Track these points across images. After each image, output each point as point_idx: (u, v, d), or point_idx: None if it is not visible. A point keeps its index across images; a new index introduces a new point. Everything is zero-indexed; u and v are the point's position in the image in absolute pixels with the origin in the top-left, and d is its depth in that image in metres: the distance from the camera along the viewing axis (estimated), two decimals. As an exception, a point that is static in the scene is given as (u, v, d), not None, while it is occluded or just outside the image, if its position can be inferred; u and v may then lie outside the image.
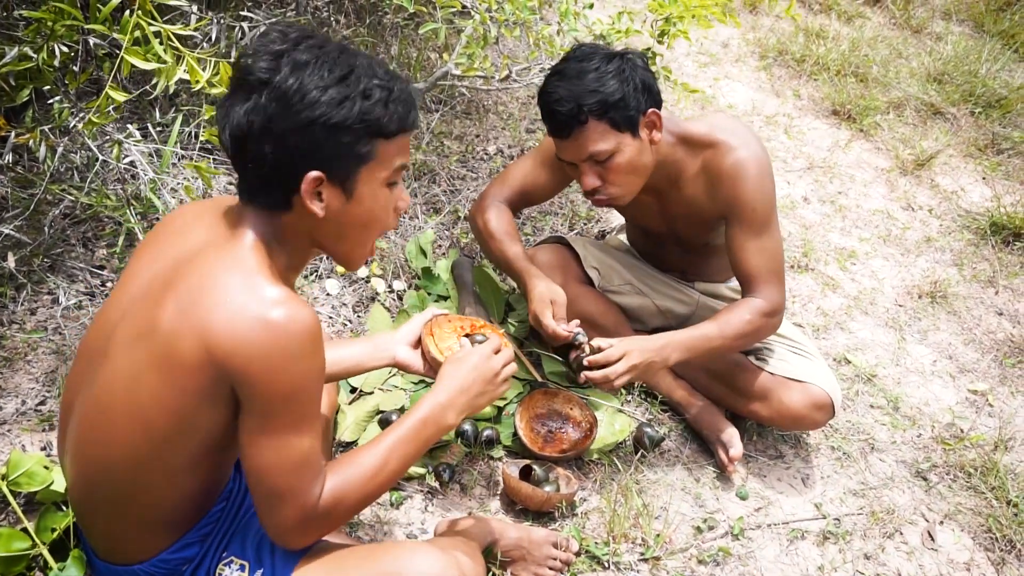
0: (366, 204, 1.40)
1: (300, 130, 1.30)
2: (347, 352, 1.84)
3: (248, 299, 1.28)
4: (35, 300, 2.32)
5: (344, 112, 1.31)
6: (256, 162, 1.33)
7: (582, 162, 2.11)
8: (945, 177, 4.06)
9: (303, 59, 1.31)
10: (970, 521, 2.36)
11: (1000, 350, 3.04)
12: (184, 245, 1.40)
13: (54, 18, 1.91)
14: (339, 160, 1.34)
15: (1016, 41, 5.37)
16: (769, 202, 2.19)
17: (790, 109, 4.37)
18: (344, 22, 3.30)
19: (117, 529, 1.48)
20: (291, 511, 1.37)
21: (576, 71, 2.05)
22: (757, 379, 2.35)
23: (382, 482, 1.48)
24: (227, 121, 1.32)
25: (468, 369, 1.68)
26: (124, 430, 1.36)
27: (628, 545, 2.09)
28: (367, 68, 1.34)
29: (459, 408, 1.63)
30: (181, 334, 1.28)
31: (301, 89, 1.29)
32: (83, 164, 2.44)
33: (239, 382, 1.30)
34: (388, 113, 1.35)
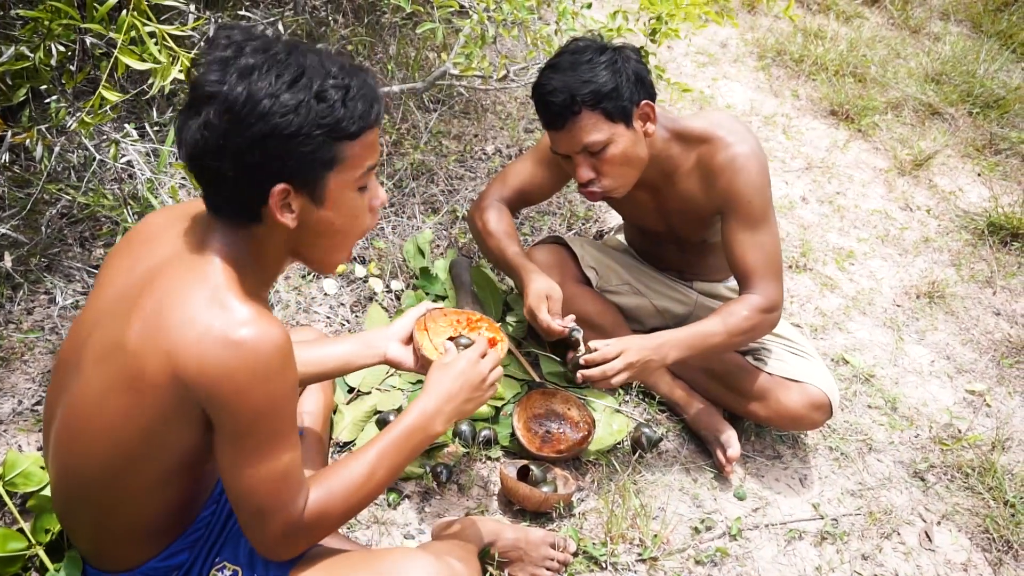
0: (339, 209, 1.35)
1: (256, 143, 1.23)
2: (335, 350, 1.81)
3: (215, 318, 1.24)
4: (32, 300, 2.31)
5: (300, 119, 1.23)
6: (217, 179, 1.27)
7: (576, 154, 2.11)
8: (943, 177, 4.06)
9: (249, 64, 1.23)
10: (967, 521, 2.36)
11: (998, 350, 3.04)
12: (153, 257, 1.36)
13: (51, 17, 1.91)
14: (303, 169, 1.28)
15: (1014, 41, 5.37)
16: (765, 196, 2.19)
17: (788, 109, 4.37)
18: (342, 22, 3.30)
19: (100, 539, 1.47)
20: (275, 526, 1.35)
21: (569, 63, 2.05)
22: (755, 379, 2.35)
23: (368, 492, 1.46)
24: (182, 139, 1.26)
25: (455, 375, 1.63)
26: (96, 446, 1.34)
27: (626, 545, 2.09)
28: (318, 67, 1.26)
29: (447, 415, 1.60)
30: (148, 353, 1.25)
31: (251, 99, 1.21)
32: (80, 163, 2.44)
33: (209, 404, 1.26)
34: (347, 113, 1.27)
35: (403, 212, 2.97)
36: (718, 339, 2.15)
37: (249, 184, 1.26)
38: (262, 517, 1.34)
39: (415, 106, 3.36)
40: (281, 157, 1.25)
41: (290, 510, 1.36)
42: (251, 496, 1.32)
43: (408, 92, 3.09)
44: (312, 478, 1.43)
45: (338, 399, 2.27)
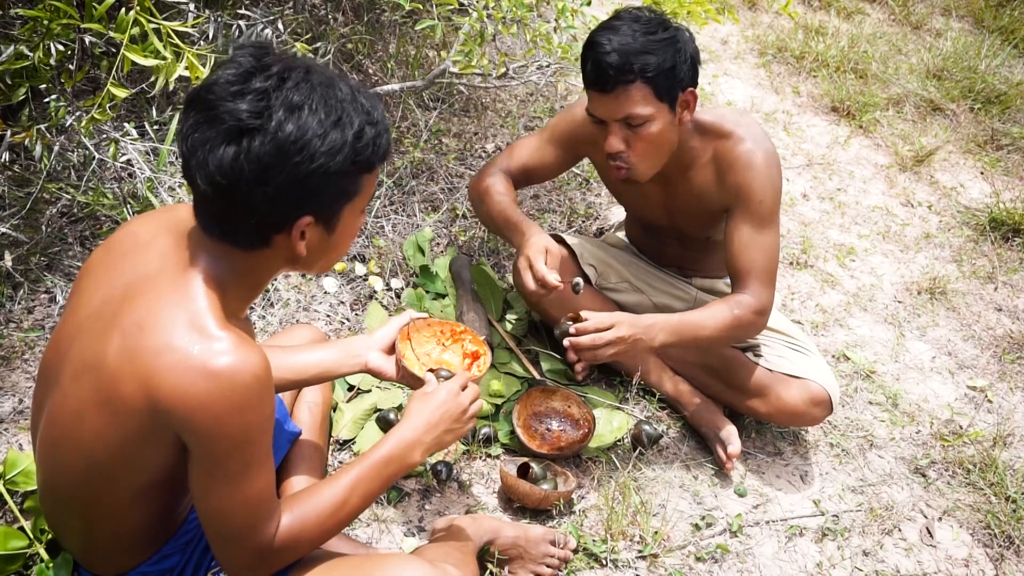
0: (344, 233, 1.38)
1: (299, 180, 1.24)
2: (315, 357, 1.79)
3: (193, 346, 1.23)
4: (32, 299, 2.32)
5: (341, 159, 1.26)
6: (243, 208, 1.25)
7: (614, 121, 2.06)
8: (944, 173, 4.06)
9: (296, 101, 1.23)
10: (969, 517, 2.36)
11: (999, 346, 3.04)
12: (136, 269, 1.34)
13: (50, 16, 1.91)
14: (330, 203, 1.31)
15: (1016, 37, 5.36)
16: (775, 198, 2.18)
17: (789, 106, 4.37)
18: (342, 20, 3.30)
19: (87, 546, 1.48)
20: (245, 550, 1.36)
21: (631, 30, 1.99)
22: (755, 376, 2.35)
23: (341, 519, 1.47)
24: (203, 163, 1.22)
25: (435, 406, 1.63)
26: (73, 461, 1.33)
27: (626, 543, 2.09)
28: (352, 101, 1.28)
29: (425, 446, 1.60)
30: (124, 375, 1.23)
31: (301, 139, 1.22)
32: (80, 163, 2.45)
33: (184, 431, 1.26)
34: (375, 148, 1.31)
35: (403, 210, 2.97)
36: (707, 332, 2.13)
37: (276, 215, 1.28)
38: (233, 541, 1.35)
39: (415, 104, 3.36)
40: (316, 192, 1.27)
41: (261, 535, 1.36)
42: (222, 520, 1.33)
43: (408, 90, 3.09)
44: (286, 502, 1.42)
45: (337, 397, 2.27)
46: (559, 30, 2.82)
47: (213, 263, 1.31)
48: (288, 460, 1.91)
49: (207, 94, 1.23)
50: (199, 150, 1.22)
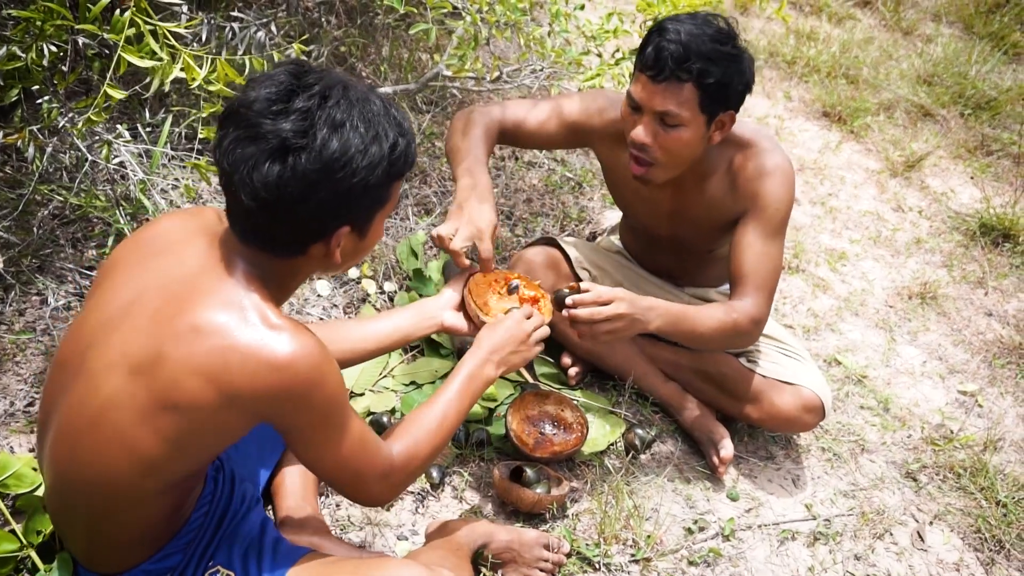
0: (372, 238, 1.46)
1: (341, 194, 1.32)
2: (391, 324, 1.89)
3: (258, 341, 1.30)
4: (24, 301, 2.30)
5: (379, 172, 1.34)
6: (286, 221, 1.32)
7: (650, 112, 2.03)
8: (935, 179, 4.08)
9: (338, 119, 1.30)
10: (959, 522, 2.37)
11: (990, 351, 3.05)
12: (171, 269, 1.38)
13: (43, 17, 1.90)
14: (365, 212, 1.39)
15: (1006, 43, 5.40)
16: (786, 211, 2.18)
17: (781, 111, 4.38)
18: (335, 23, 3.30)
19: (93, 542, 1.48)
20: (373, 480, 1.50)
21: (701, 31, 1.96)
22: (748, 381, 2.35)
23: (444, 433, 1.63)
24: (247, 179, 1.28)
25: (502, 331, 1.82)
26: (101, 453, 1.34)
27: (619, 546, 2.09)
28: (386, 115, 1.36)
29: (495, 363, 1.78)
30: (189, 377, 1.29)
31: (344, 156, 1.29)
32: (72, 164, 2.44)
33: (274, 418, 1.36)
34: (406, 159, 1.40)
35: (396, 213, 2.96)
36: (702, 329, 2.09)
37: (317, 227, 1.35)
38: (360, 479, 1.49)
39: (408, 107, 3.36)
40: (356, 203, 1.35)
41: (381, 462, 1.50)
42: (343, 470, 1.47)
43: (401, 93, 3.09)
44: (394, 430, 1.59)
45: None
46: (553, 34, 2.83)
47: (251, 266, 1.38)
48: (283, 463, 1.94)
49: (247, 111, 1.29)
50: (242, 167, 1.28)
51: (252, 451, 1.85)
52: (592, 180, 3.41)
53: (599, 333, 1.97)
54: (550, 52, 2.85)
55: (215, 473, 1.62)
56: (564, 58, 2.83)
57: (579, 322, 1.95)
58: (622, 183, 2.37)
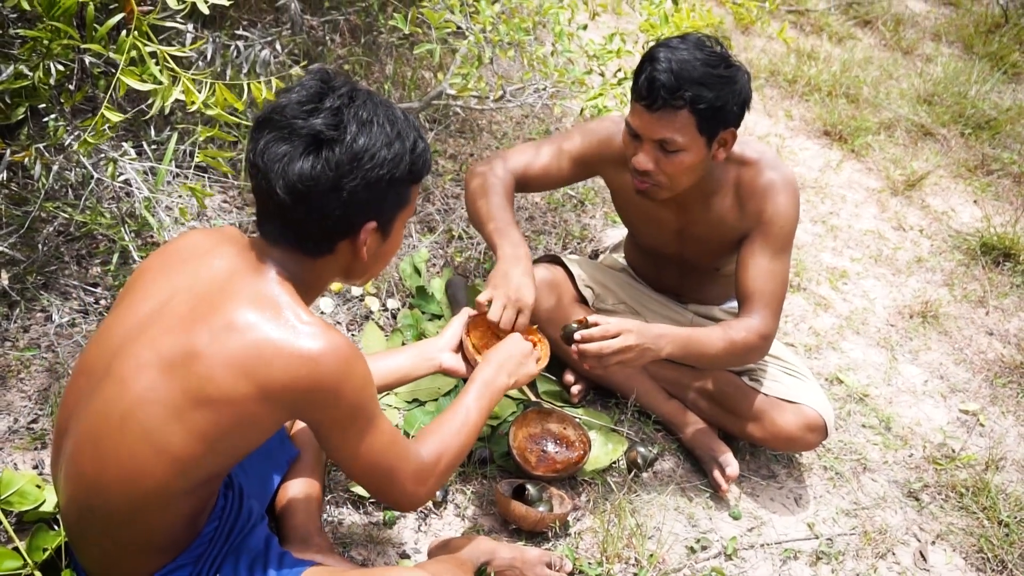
0: (395, 240, 1.53)
1: (369, 186, 1.39)
2: (394, 363, 1.94)
3: (289, 336, 1.35)
4: (28, 318, 2.31)
5: (403, 167, 1.42)
6: (319, 214, 1.39)
7: (649, 140, 2.05)
8: (936, 198, 4.09)
9: (366, 116, 1.39)
10: (962, 541, 2.36)
11: (991, 370, 3.06)
12: (200, 273, 1.44)
13: (50, 37, 1.92)
14: (391, 209, 1.46)
15: (1005, 63, 5.42)
16: (792, 228, 2.20)
17: (782, 130, 4.40)
18: (339, 41, 3.32)
19: (109, 551, 1.48)
20: (409, 481, 1.56)
21: (692, 56, 1.97)
22: (750, 400, 2.35)
23: (468, 434, 1.70)
24: (282, 173, 1.36)
25: (505, 349, 1.91)
26: (129, 453, 1.36)
27: (621, 565, 2.09)
28: (406, 120, 1.45)
29: (507, 372, 1.87)
30: (222, 372, 1.33)
31: (371, 148, 1.38)
32: (78, 182, 2.45)
33: (305, 413, 1.42)
34: (424, 161, 1.48)
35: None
36: (713, 350, 2.12)
37: (348, 219, 1.42)
38: (394, 478, 1.54)
39: (411, 125, 3.37)
40: (382, 198, 1.43)
41: (412, 462, 1.56)
42: (377, 468, 1.52)
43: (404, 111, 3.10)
44: (419, 434, 1.65)
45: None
46: (556, 54, 2.84)
47: (281, 267, 1.44)
48: (287, 479, 1.94)
49: (279, 116, 1.38)
50: (277, 164, 1.36)
51: (258, 468, 1.86)
52: (594, 198, 3.42)
53: (609, 365, 2.03)
54: (553, 71, 2.87)
55: (225, 489, 1.63)
56: (567, 77, 2.84)
57: (588, 356, 2.00)
58: (629, 203, 2.38)
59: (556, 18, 2.76)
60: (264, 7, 3.20)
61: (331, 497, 2.11)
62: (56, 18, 1.86)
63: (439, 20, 2.62)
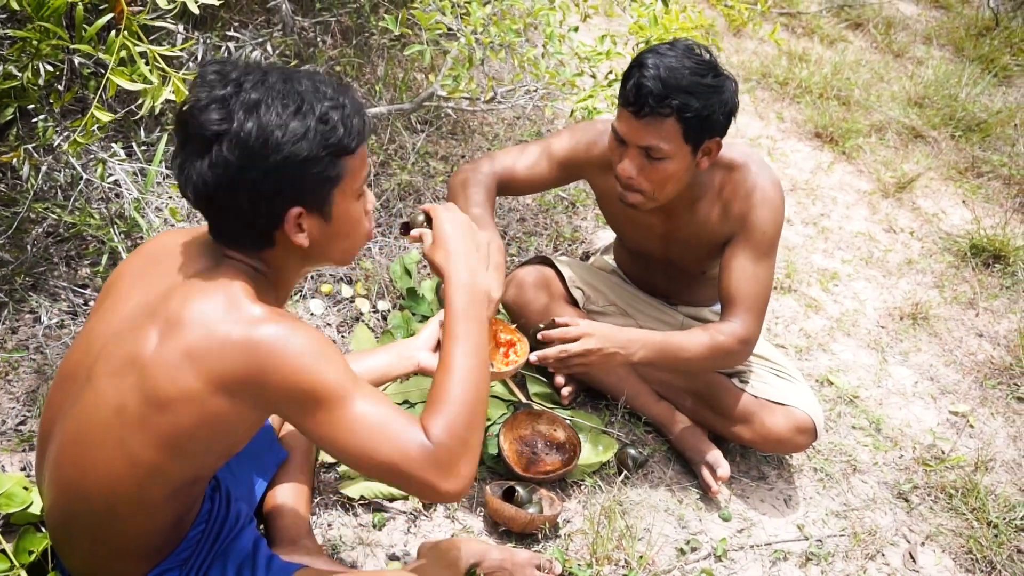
0: (344, 220, 1.41)
1: (271, 173, 1.29)
2: (371, 363, 1.87)
3: (235, 324, 1.29)
4: (16, 319, 2.30)
5: (309, 144, 1.30)
6: (232, 213, 1.33)
7: (634, 146, 2.04)
8: (926, 200, 4.10)
9: (254, 99, 1.29)
10: (951, 542, 2.37)
11: (981, 371, 3.07)
12: (169, 276, 1.40)
13: (39, 37, 1.91)
14: (314, 190, 1.35)
15: (995, 66, 5.44)
16: (777, 232, 2.20)
17: (773, 131, 4.41)
18: (331, 43, 3.32)
19: (94, 555, 1.47)
20: (420, 469, 1.34)
21: (681, 64, 1.97)
22: (740, 402, 2.36)
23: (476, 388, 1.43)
24: (188, 179, 1.31)
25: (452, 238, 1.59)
26: (105, 459, 1.35)
27: (611, 567, 2.09)
28: (314, 91, 1.33)
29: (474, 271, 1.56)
30: (174, 370, 1.29)
31: (263, 133, 1.27)
32: (67, 183, 2.44)
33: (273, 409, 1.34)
34: (347, 130, 1.34)
35: (390, 233, 2.97)
36: (688, 354, 2.13)
37: (265, 212, 1.33)
38: (400, 472, 1.34)
39: (403, 127, 3.37)
40: (294, 182, 1.32)
41: (413, 447, 1.34)
42: (375, 460, 1.34)
43: (396, 113, 3.10)
44: (422, 414, 1.40)
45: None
46: (547, 55, 2.84)
47: (236, 264, 1.39)
48: (276, 482, 1.93)
49: (186, 116, 1.31)
50: (184, 168, 1.31)
51: (247, 470, 1.85)
52: (585, 200, 3.43)
53: (572, 367, 2.02)
54: (544, 73, 2.87)
55: (212, 492, 1.62)
56: (558, 79, 2.84)
57: (548, 357, 2.00)
58: (615, 208, 2.38)
59: (547, 20, 2.76)
60: (255, 8, 3.20)
61: (320, 499, 2.10)
62: (45, 18, 1.85)
63: (430, 21, 2.62)
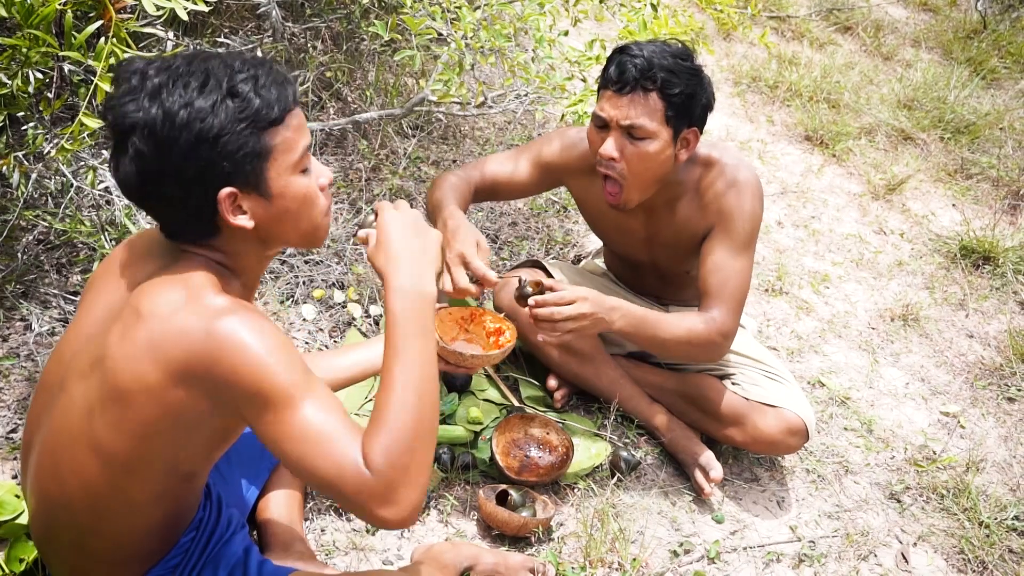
0: (288, 196, 1.35)
1: (188, 156, 1.25)
2: (357, 358, 1.87)
3: (191, 315, 1.26)
4: (7, 327, 2.30)
5: (220, 120, 1.25)
6: (163, 204, 1.31)
7: (617, 127, 2.06)
8: (916, 202, 4.12)
9: (155, 84, 1.25)
10: (943, 543, 2.38)
11: (971, 372, 3.08)
12: (135, 275, 1.39)
13: (29, 45, 1.91)
14: (240, 167, 1.29)
15: (983, 68, 5.47)
16: (755, 226, 2.21)
17: (764, 135, 4.42)
18: (321, 48, 3.32)
19: (79, 564, 1.47)
20: (352, 490, 1.23)
21: (660, 50, 2.04)
22: (731, 404, 2.36)
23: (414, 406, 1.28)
24: (118, 177, 1.29)
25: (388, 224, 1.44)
26: (81, 464, 1.34)
27: (605, 570, 2.09)
28: (222, 67, 1.28)
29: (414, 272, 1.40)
30: (133, 361, 1.27)
31: (168, 115, 1.24)
32: (57, 190, 2.43)
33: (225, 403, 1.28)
34: (264, 101, 1.28)
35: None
36: (665, 334, 2.13)
37: (196, 198, 1.29)
38: (337, 490, 1.24)
39: (394, 132, 3.38)
40: (215, 162, 1.27)
41: (352, 468, 1.23)
42: (314, 474, 1.24)
43: (387, 118, 3.10)
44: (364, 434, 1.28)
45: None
46: (537, 60, 2.85)
47: (194, 258, 1.36)
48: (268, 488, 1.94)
49: (105, 116, 1.30)
50: (115, 172, 1.30)
51: (238, 476, 1.85)
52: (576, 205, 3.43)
53: (561, 331, 2.01)
54: (534, 77, 2.88)
55: (204, 499, 1.61)
56: (548, 83, 2.85)
57: (540, 320, 1.99)
58: (597, 215, 2.41)
59: (537, 24, 2.77)
60: (245, 14, 3.20)
61: (313, 504, 2.10)
62: (34, 26, 1.85)
63: (420, 27, 2.63)
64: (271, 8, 2.86)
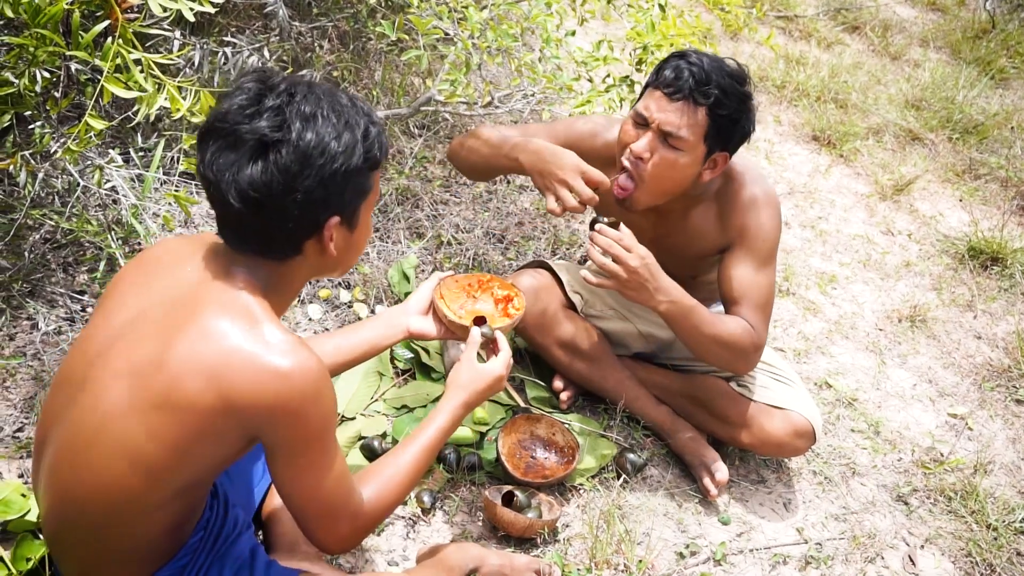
0: (362, 230, 1.49)
1: (324, 182, 1.35)
2: (360, 336, 1.90)
3: (260, 350, 1.32)
4: (14, 326, 2.30)
5: (356, 157, 1.38)
6: (278, 219, 1.36)
7: (657, 129, 2.05)
8: (924, 202, 4.10)
9: (309, 111, 1.34)
10: (951, 545, 2.37)
11: (979, 374, 3.07)
12: (173, 283, 1.41)
13: (36, 44, 1.91)
14: (352, 201, 1.42)
15: (992, 68, 5.45)
16: (775, 240, 2.20)
17: (771, 135, 4.41)
18: (328, 48, 3.32)
19: (91, 562, 1.47)
20: (342, 523, 1.48)
21: (721, 66, 2.03)
22: (739, 406, 2.35)
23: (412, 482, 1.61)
24: (231, 184, 1.32)
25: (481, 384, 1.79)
26: (104, 464, 1.34)
27: (611, 571, 2.09)
28: (353, 106, 1.40)
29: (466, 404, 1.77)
30: (188, 377, 1.30)
31: (320, 143, 1.33)
32: (64, 189, 2.44)
33: (262, 431, 1.36)
34: (380, 146, 1.43)
35: (388, 237, 2.97)
36: (707, 330, 2.12)
37: (308, 220, 1.38)
38: (331, 515, 1.47)
39: (400, 131, 3.37)
40: (340, 191, 1.38)
41: (352, 506, 1.48)
42: (316, 502, 1.44)
43: (393, 118, 3.10)
44: (364, 475, 1.56)
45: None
46: (544, 60, 2.85)
47: (250, 273, 1.41)
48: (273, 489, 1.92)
49: (222, 123, 1.33)
50: (227, 173, 1.33)
51: (245, 476, 1.85)
52: (583, 204, 3.42)
53: (605, 268, 2.03)
54: (541, 77, 2.87)
55: (211, 499, 1.61)
56: (555, 83, 2.85)
57: (595, 243, 2.03)
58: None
59: (544, 24, 2.77)
60: (252, 13, 3.20)
61: (319, 504, 2.10)
62: (42, 25, 1.86)
63: (427, 26, 2.62)
64: (278, 7, 2.86)
